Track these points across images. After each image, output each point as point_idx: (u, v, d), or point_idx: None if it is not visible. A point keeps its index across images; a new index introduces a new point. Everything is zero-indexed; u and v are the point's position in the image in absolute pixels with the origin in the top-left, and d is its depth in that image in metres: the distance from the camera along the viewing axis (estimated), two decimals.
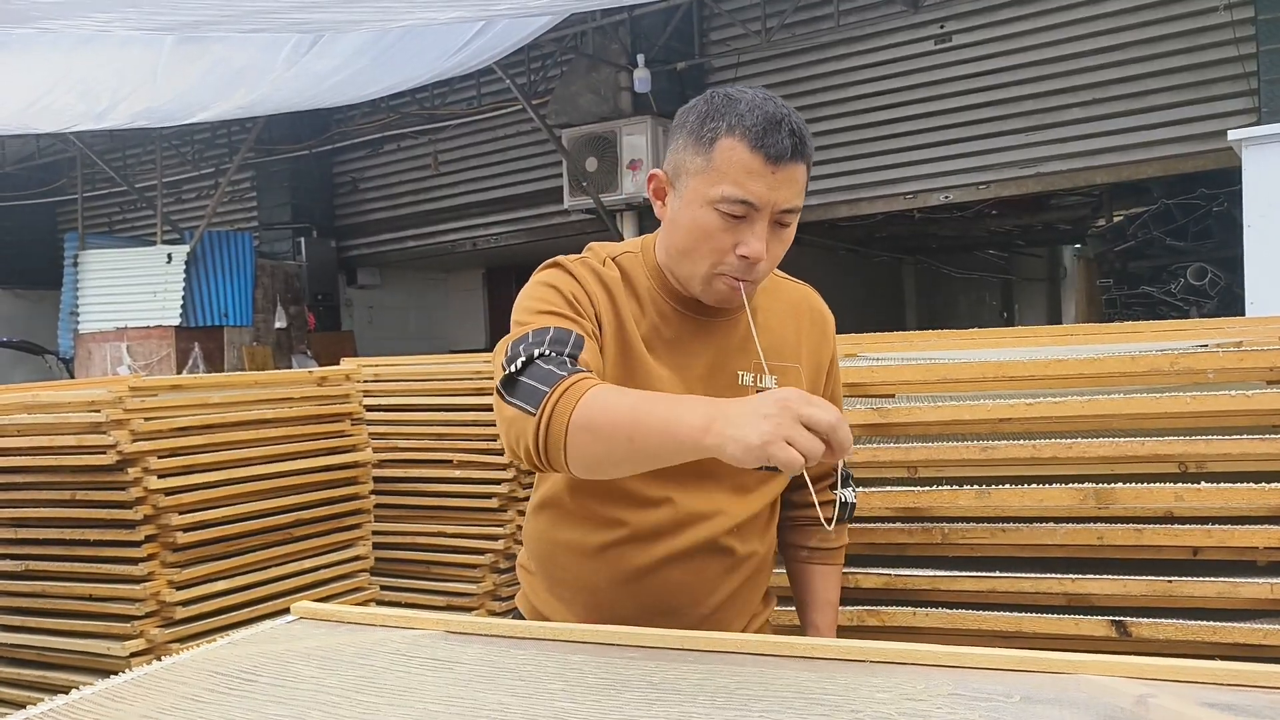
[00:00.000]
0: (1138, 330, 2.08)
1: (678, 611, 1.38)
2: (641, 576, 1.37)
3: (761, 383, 1.39)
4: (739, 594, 1.44)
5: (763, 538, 1.47)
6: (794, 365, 1.43)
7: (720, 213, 1.27)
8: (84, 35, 4.47)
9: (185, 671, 1.04)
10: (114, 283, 8.81)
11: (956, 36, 6.95)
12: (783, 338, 1.44)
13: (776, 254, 1.34)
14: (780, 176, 1.27)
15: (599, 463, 1.14)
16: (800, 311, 1.50)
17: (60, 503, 3.65)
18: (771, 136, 1.25)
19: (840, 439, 1.08)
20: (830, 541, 1.58)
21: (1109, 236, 8.29)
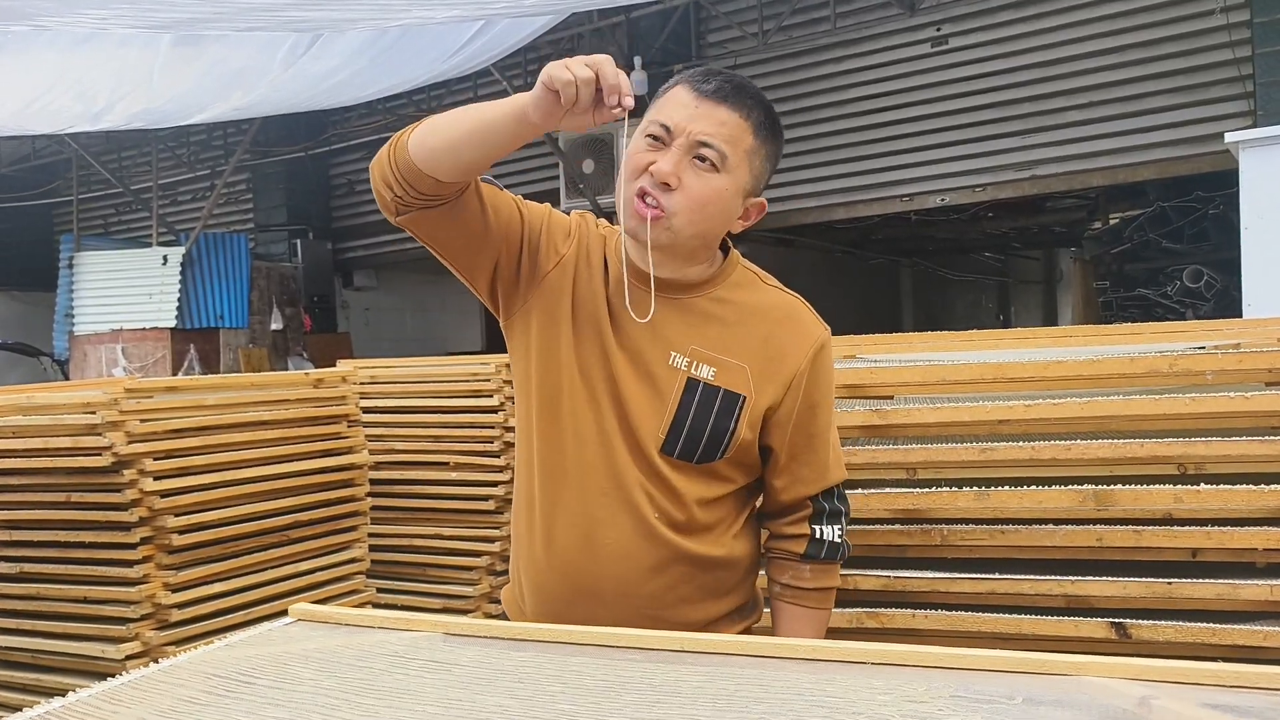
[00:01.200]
0: (1136, 332, 2.08)
1: (604, 596, 1.38)
2: (570, 556, 1.38)
3: (696, 370, 1.38)
4: (679, 589, 1.40)
5: (718, 541, 1.42)
6: (740, 364, 1.39)
7: (646, 139, 1.35)
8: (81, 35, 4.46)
9: (183, 674, 1.04)
10: (109, 284, 8.79)
11: (953, 39, 6.96)
12: (739, 335, 1.41)
13: (692, 186, 1.33)
14: (701, 109, 1.33)
15: (437, 145, 1.28)
16: (776, 318, 1.45)
17: (55, 504, 3.64)
18: (704, 78, 1.36)
19: (605, 70, 1.22)
20: (804, 580, 1.47)
21: (1105, 239, 8.30)
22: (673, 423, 1.37)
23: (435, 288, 11.42)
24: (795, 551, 1.47)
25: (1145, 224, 7.44)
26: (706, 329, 1.38)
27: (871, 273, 11.36)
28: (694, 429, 1.37)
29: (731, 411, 1.38)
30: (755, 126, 1.36)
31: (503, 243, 1.40)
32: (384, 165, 1.34)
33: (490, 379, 4.57)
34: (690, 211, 1.34)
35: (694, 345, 1.38)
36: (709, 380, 1.38)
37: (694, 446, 1.38)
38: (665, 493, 1.38)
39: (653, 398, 1.37)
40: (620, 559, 1.38)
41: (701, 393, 1.37)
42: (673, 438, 1.37)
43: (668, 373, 1.38)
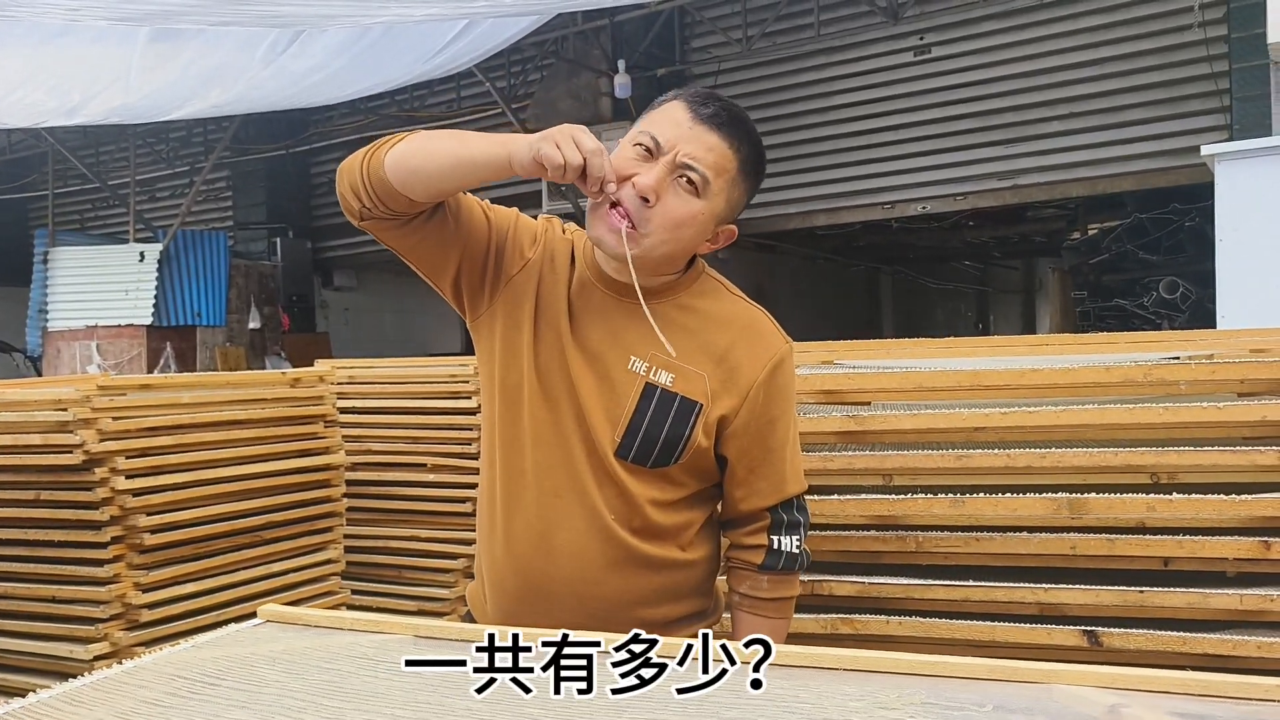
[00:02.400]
0: (1112, 341, 2.09)
1: (559, 596, 1.39)
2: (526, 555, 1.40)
3: (654, 376, 1.38)
4: (635, 590, 1.40)
5: (674, 544, 1.43)
6: (699, 372, 1.40)
7: (634, 147, 1.35)
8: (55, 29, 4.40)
9: (147, 675, 1.02)
10: (85, 280, 8.70)
11: (936, 48, 7.01)
12: (700, 343, 1.41)
13: (670, 205, 1.34)
14: (695, 131, 1.34)
15: (415, 169, 1.28)
16: (737, 328, 1.46)
17: (25, 503, 3.59)
18: (703, 101, 1.36)
19: (594, 162, 1.25)
20: (761, 591, 1.46)
21: (1084, 249, 8.38)
22: (628, 426, 1.37)
23: (415, 289, 11.37)
24: (753, 562, 1.46)
25: (1123, 235, 7.52)
26: (668, 335, 1.36)
27: (852, 279, 11.41)
28: (649, 433, 1.37)
29: (687, 418, 1.38)
30: (742, 161, 1.39)
31: (467, 247, 1.40)
32: (355, 175, 1.32)
33: (469, 380, 4.55)
34: (664, 230, 1.34)
35: (654, 351, 1.38)
36: (667, 386, 1.38)
37: (649, 450, 1.38)
38: (619, 495, 1.38)
39: (610, 401, 1.38)
40: (574, 558, 1.38)
41: (659, 398, 1.38)
42: (628, 441, 1.38)
43: (626, 376, 1.38)
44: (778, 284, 9.57)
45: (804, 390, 1.95)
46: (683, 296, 1.44)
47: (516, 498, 1.41)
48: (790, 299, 9.76)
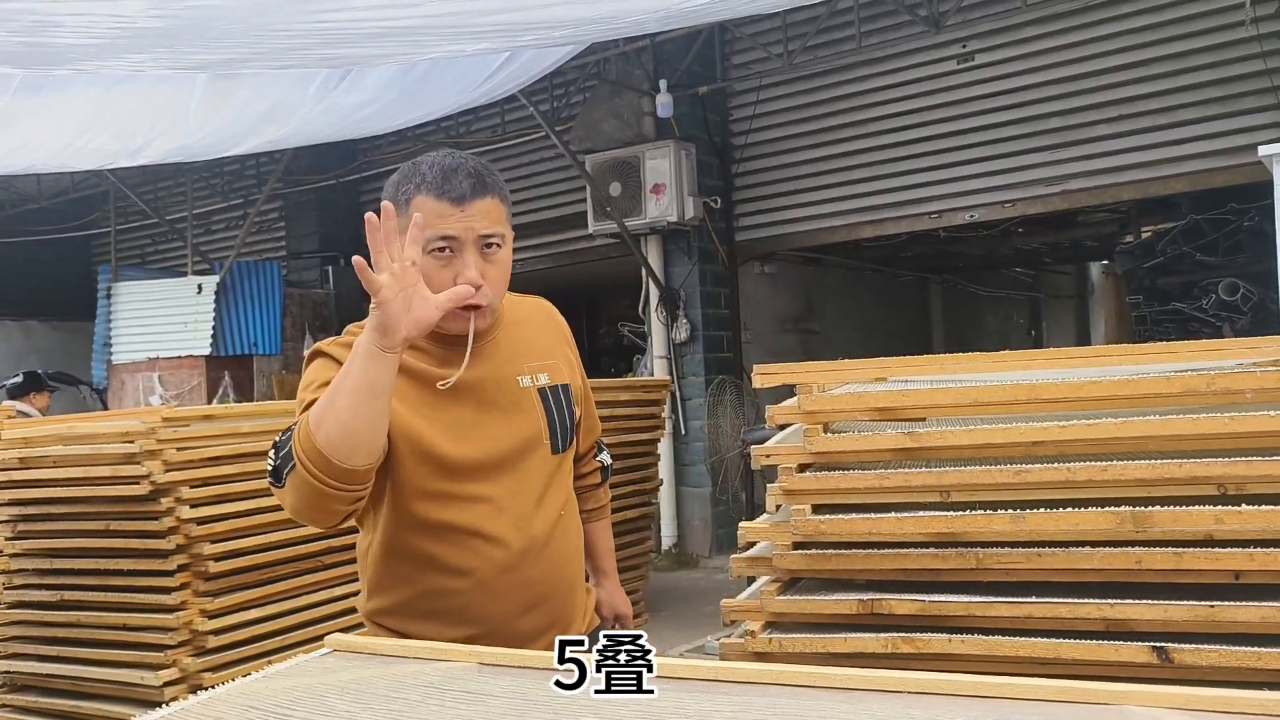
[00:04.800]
0: (1173, 350, 2.05)
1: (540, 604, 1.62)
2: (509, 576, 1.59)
3: (538, 380, 1.65)
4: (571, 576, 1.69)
5: (574, 520, 1.73)
6: (553, 362, 1.69)
7: (432, 256, 1.50)
8: (118, 75, 4.56)
9: (221, 706, 1.05)
10: (146, 313, 8.93)
11: (979, 55, 6.94)
12: (539, 342, 1.70)
13: (496, 277, 1.56)
14: (469, 211, 1.51)
15: (349, 429, 1.37)
16: (541, 319, 1.77)
17: (95, 533, 3.69)
18: (450, 182, 1.51)
19: (462, 291, 1.48)
20: (602, 500, 1.93)
21: (1138, 253, 8.21)
22: (548, 425, 1.64)
23: None
24: (595, 482, 1.91)
25: (1178, 237, 7.36)
26: (520, 349, 1.64)
27: (900, 290, 11.29)
28: (562, 424, 1.66)
29: (571, 400, 1.70)
30: (504, 195, 1.59)
31: None
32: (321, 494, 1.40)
33: None
34: (498, 291, 1.58)
35: (525, 364, 1.65)
36: (548, 384, 1.67)
37: (567, 437, 1.68)
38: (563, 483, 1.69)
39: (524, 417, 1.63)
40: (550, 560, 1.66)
41: (551, 396, 1.66)
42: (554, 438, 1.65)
43: (525, 395, 1.63)
44: (825, 297, 9.52)
45: (857, 407, 1.94)
46: (506, 316, 1.66)
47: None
48: (837, 311, 9.70)
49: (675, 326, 7.56)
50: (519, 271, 9.14)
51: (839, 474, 1.90)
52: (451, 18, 3.82)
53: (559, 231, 8.51)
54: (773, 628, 1.92)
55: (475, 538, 1.57)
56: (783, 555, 1.93)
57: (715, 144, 7.82)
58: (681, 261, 7.64)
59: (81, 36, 3.55)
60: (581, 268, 8.82)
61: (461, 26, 3.98)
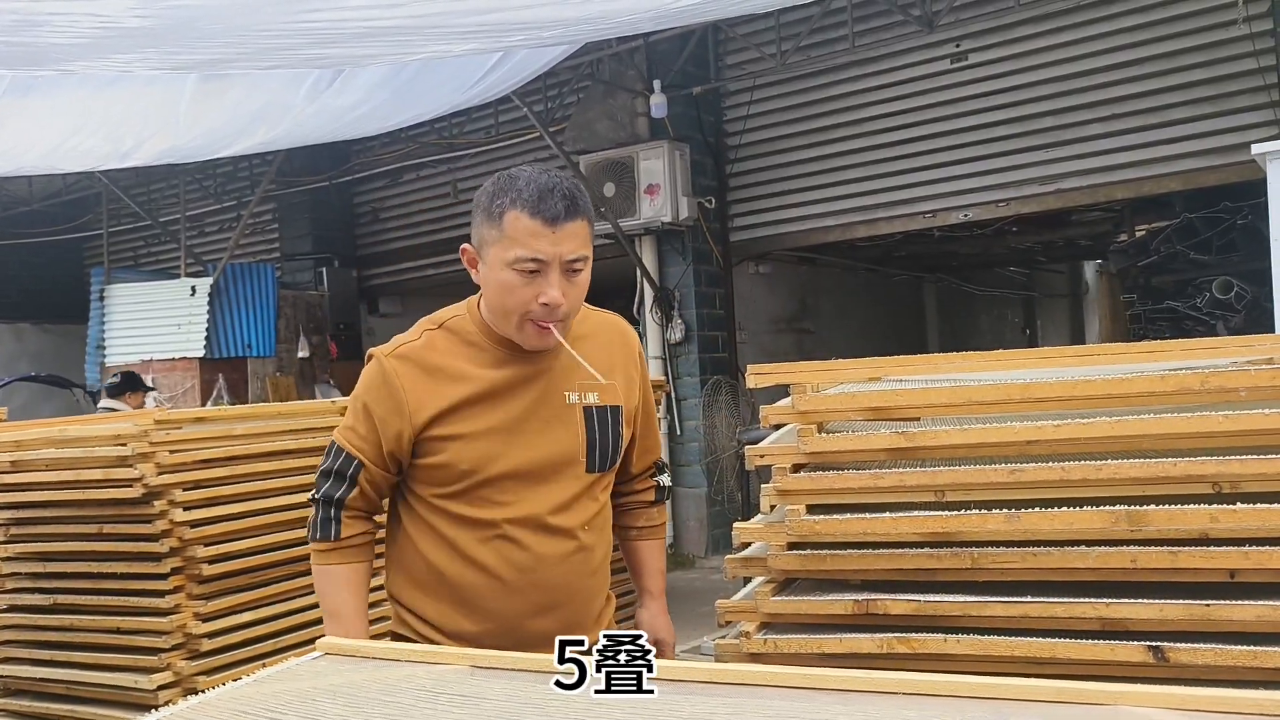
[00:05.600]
0: (1166, 349, 2.05)
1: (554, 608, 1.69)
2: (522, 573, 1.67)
3: (586, 399, 1.70)
4: (591, 587, 1.76)
5: (602, 533, 1.77)
6: (609, 381, 1.72)
7: (517, 271, 1.57)
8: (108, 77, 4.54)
9: (212, 710, 1.04)
10: (139, 316, 8.90)
11: (972, 55, 6.95)
12: (598, 361, 1.70)
13: (575, 297, 1.63)
14: (560, 234, 1.57)
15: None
16: (611, 337, 1.79)
17: (88, 536, 3.67)
18: (546, 203, 1.56)
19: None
20: (655, 519, 1.94)
21: (1131, 251, 8.22)
22: (587, 444, 1.70)
23: None
24: (648, 500, 1.92)
25: (1172, 236, 7.36)
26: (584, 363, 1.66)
27: (895, 290, 11.30)
28: (602, 445, 1.72)
29: (620, 421, 1.74)
30: (592, 217, 1.65)
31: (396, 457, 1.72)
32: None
33: None
34: (575, 310, 1.65)
35: (576, 381, 1.68)
36: (596, 404, 1.71)
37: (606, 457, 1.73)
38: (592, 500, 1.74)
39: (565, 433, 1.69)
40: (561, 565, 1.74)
41: (597, 415, 1.71)
42: (591, 457, 1.71)
43: (569, 411, 1.69)
44: (819, 297, 9.52)
45: (851, 407, 1.94)
46: (567, 336, 1.68)
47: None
48: (832, 311, 9.70)
49: (670, 327, 7.56)
50: None
51: (833, 474, 1.89)
52: (438, 17, 3.81)
53: None
54: (768, 628, 1.92)
55: (497, 538, 1.65)
56: (777, 556, 1.92)
57: (709, 144, 7.82)
58: (676, 262, 7.64)
59: (66, 36, 3.53)
60: None
61: (449, 27, 3.97)
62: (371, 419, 1.68)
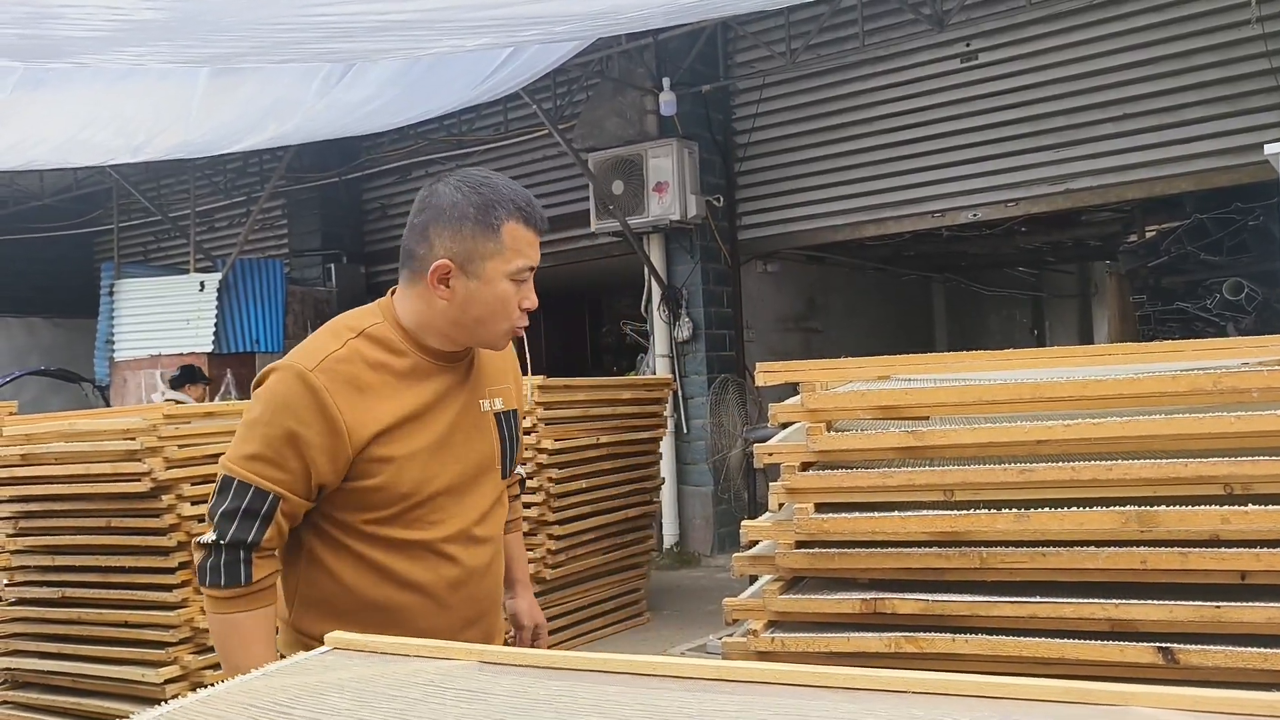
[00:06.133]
0: (1178, 349, 2.04)
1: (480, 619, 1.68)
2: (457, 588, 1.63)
3: (494, 405, 1.70)
4: (501, 592, 1.77)
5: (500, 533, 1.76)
6: (506, 386, 1.75)
7: (514, 281, 1.58)
8: (120, 71, 4.55)
9: (220, 704, 1.04)
10: (149, 311, 8.93)
11: (983, 54, 6.93)
12: (495, 365, 1.73)
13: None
14: (539, 241, 1.62)
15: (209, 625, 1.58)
16: None
17: (96, 529, 3.68)
18: (534, 211, 1.60)
19: None
20: (518, 512, 1.99)
21: (1142, 252, 8.19)
22: (500, 451, 1.71)
23: None
24: (515, 493, 1.94)
25: (1183, 236, 7.33)
26: (485, 373, 1.69)
27: (903, 290, 11.28)
28: (509, 450, 1.73)
29: (516, 424, 1.76)
30: None
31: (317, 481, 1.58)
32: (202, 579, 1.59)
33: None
34: None
35: (486, 389, 1.69)
36: (501, 409, 1.72)
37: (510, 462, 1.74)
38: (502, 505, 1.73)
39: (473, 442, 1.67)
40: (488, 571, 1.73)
41: (504, 420, 1.72)
42: (503, 463, 1.72)
43: (484, 419, 1.68)
44: (827, 296, 9.50)
45: (860, 406, 1.94)
46: None
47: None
48: (840, 311, 9.68)
49: (677, 325, 7.55)
50: None
51: (842, 472, 1.89)
52: (450, 12, 3.81)
53: (562, 230, 8.49)
54: (775, 627, 1.91)
55: (432, 556, 1.59)
56: (785, 554, 1.92)
57: (718, 142, 7.81)
58: (684, 260, 7.63)
59: (80, 29, 3.54)
60: (584, 266, 8.81)
61: (461, 21, 3.97)
62: (297, 444, 1.51)
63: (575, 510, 4.87)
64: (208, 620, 1.59)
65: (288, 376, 1.54)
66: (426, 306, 1.60)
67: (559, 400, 4.85)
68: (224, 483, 1.55)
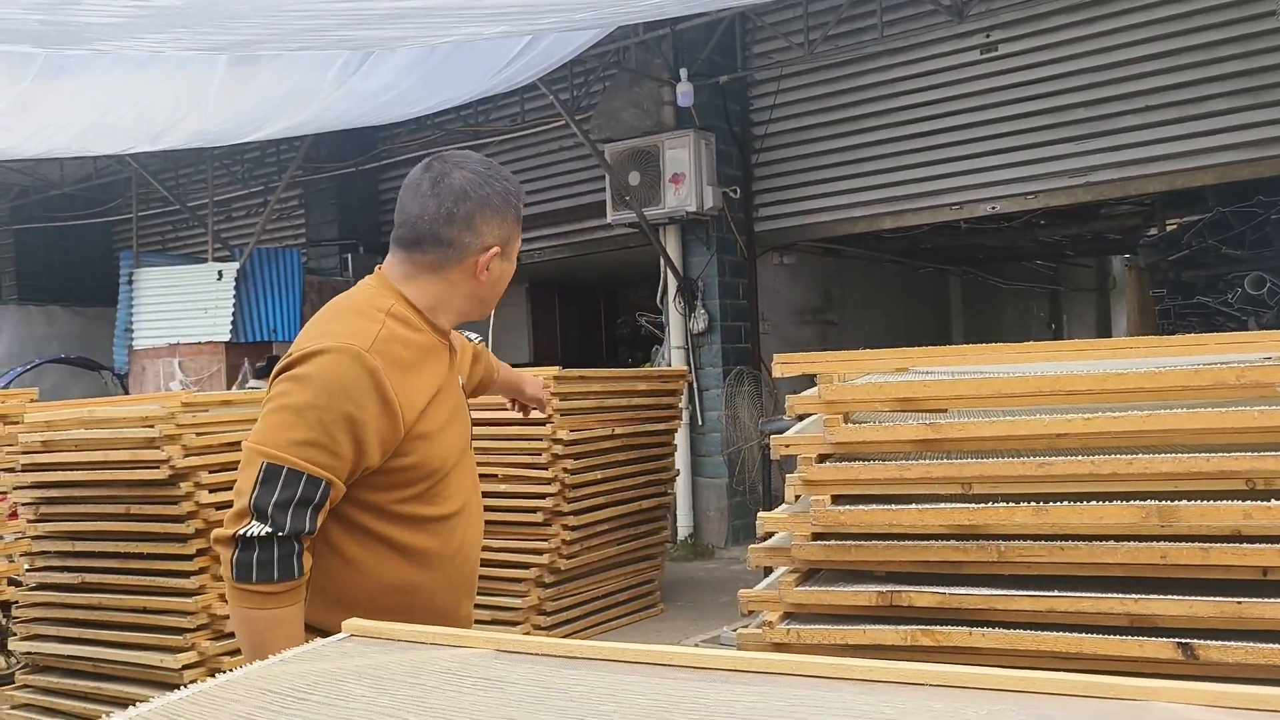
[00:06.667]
0: (1201, 343, 2.02)
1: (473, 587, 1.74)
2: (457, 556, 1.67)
3: (462, 380, 1.78)
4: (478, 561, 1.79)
5: None
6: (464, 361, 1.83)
7: (508, 264, 1.70)
8: (140, 59, 4.57)
9: (239, 689, 1.04)
10: (167, 300, 8.99)
11: (1003, 45, 6.87)
12: (459, 343, 1.82)
13: None
14: None
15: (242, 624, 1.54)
16: None
17: (115, 516, 3.71)
18: (519, 203, 1.71)
19: None
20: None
21: (1162, 246, 8.12)
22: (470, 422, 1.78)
23: None
24: (494, 363, 2.08)
25: (1204, 230, 7.27)
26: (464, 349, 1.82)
27: (920, 282, 11.22)
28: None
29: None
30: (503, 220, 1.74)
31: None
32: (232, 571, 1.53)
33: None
34: None
35: (457, 363, 1.74)
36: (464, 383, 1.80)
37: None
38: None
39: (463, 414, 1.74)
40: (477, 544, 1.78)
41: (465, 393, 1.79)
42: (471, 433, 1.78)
43: (461, 392, 1.74)
44: (844, 288, 9.46)
45: (878, 398, 1.93)
46: None
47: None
48: (856, 303, 9.64)
49: (693, 317, 7.54)
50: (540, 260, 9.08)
51: (859, 465, 1.88)
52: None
53: (577, 221, 8.49)
54: (790, 619, 1.91)
55: (446, 529, 1.63)
56: (802, 546, 1.91)
57: (735, 133, 7.78)
58: (700, 252, 7.62)
59: (100, 15, 3.57)
60: (599, 257, 8.80)
61: (479, 8, 3.97)
62: (354, 429, 1.49)
63: (590, 501, 4.88)
64: (240, 618, 1.50)
65: (344, 359, 1.50)
66: (450, 288, 1.62)
67: (574, 391, 4.85)
68: (269, 471, 1.48)
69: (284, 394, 1.53)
